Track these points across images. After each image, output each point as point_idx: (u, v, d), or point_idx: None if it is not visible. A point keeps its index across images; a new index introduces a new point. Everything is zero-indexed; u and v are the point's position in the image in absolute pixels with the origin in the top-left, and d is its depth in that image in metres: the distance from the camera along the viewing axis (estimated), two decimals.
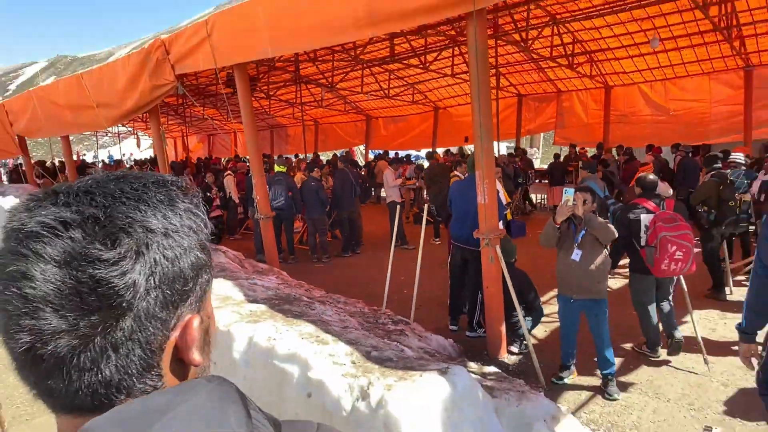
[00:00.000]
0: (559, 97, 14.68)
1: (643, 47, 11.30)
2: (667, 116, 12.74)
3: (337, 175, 8.92)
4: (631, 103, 13.31)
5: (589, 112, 14.13)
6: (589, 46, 12.04)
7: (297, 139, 20.75)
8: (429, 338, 4.50)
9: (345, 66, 13.31)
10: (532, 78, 14.36)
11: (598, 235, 3.75)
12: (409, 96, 16.28)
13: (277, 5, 5.22)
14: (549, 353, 4.66)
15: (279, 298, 4.14)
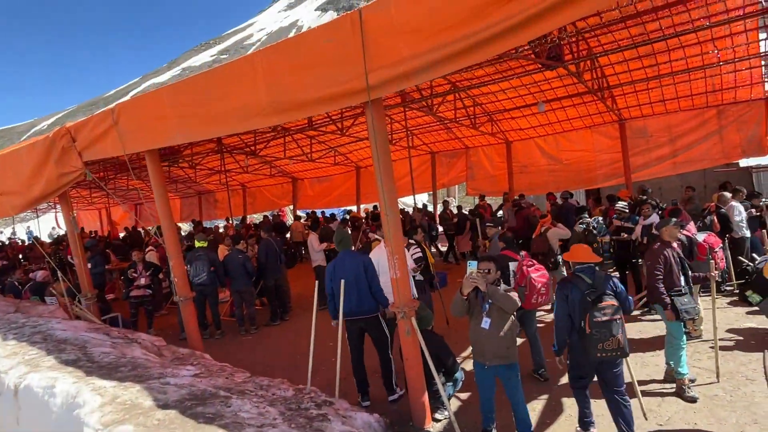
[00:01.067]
0: (467, 152, 15.33)
1: (534, 108, 12.08)
2: (560, 165, 13.61)
3: (261, 245, 8.59)
4: (529, 155, 14.12)
5: (495, 165, 14.82)
6: (488, 108, 12.73)
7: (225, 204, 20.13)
8: (354, 418, 4.23)
9: (267, 135, 13.18)
10: (441, 137, 14.92)
11: (501, 305, 3.75)
12: (332, 158, 16.36)
13: (184, 94, 5.04)
14: (473, 415, 4.52)
15: (193, 398, 3.75)
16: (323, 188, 18.73)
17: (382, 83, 3.74)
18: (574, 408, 4.57)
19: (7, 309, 7.24)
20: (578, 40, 8.77)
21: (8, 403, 4.17)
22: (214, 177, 18.16)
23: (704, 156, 11.49)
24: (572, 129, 13.26)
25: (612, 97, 11.33)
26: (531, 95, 11.66)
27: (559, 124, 13.16)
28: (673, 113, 11.75)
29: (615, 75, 10.51)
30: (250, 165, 16.45)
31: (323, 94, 4.02)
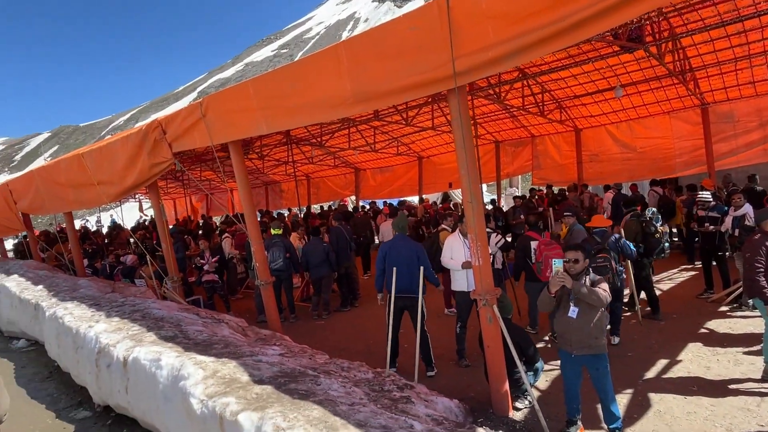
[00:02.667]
0: (534, 141, 14.89)
1: (607, 93, 11.55)
2: (634, 153, 12.93)
3: (332, 233, 8.81)
4: (600, 143, 13.51)
5: (563, 153, 14.31)
6: (557, 95, 12.30)
7: (290, 194, 20.75)
8: (435, 402, 4.28)
9: (333, 127, 13.42)
10: (507, 126, 14.58)
11: (588, 302, 3.66)
12: (394, 148, 16.42)
13: (268, 86, 5.23)
14: (554, 406, 4.46)
15: (284, 375, 3.93)
16: (385, 178, 18.85)
17: (468, 70, 3.71)
18: (662, 403, 4.42)
19: (105, 289, 7.87)
20: (660, 20, 8.27)
21: (118, 372, 4.55)
22: (280, 168, 18.73)
23: None
24: (648, 115, 12.54)
25: (695, 80, 10.60)
26: (605, 80, 11.13)
27: (634, 110, 12.49)
28: (764, 95, 10.84)
29: (699, 56, 9.82)
30: (315, 156, 16.85)
31: (408, 83, 4.05)
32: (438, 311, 7.97)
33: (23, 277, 9.09)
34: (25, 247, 13.93)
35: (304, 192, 20.83)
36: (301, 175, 20.38)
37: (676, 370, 5.09)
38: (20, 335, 8.34)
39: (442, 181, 16.98)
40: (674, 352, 5.53)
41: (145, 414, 4.30)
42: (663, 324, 6.48)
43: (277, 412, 3.17)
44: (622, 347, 5.78)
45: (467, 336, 5.85)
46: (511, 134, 15.14)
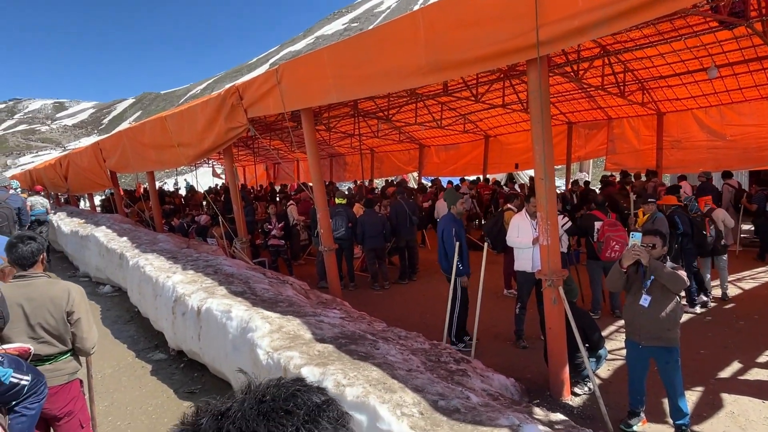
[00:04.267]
0: (610, 123, 14.07)
1: (697, 75, 10.65)
2: (723, 141, 11.90)
3: (393, 207, 8.84)
4: (684, 129, 12.53)
5: (641, 138, 13.42)
6: (640, 74, 11.48)
7: (354, 167, 20.96)
8: (491, 378, 4.26)
9: (401, 101, 13.33)
10: (581, 106, 13.85)
11: (665, 283, 3.44)
12: (461, 126, 16.10)
13: (343, 54, 5.25)
14: (614, 395, 4.31)
15: (345, 337, 4.04)
16: (449, 156, 18.57)
17: (553, 39, 3.53)
18: (737, 405, 4.15)
19: (181, 245, 8.38)
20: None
21: (192, 321, 4.87)
22: (346, 140, 18.93)
23: None
24: (743, 100, 11.43)
25: None
26: (696, 60, 10.22)
27: (727, 94, 11.42)
28: None
29: None
30: (381, 130, 16.86)
31: (486, 52, 3.92)
32: (498, 291, 7.87)
33: (110, 228, 9.85)
34: (111, 202, 15.08)
35: (368, 165, 20.97)
36: (365, 149, 20.50)
37: (754, 373, 4.75)
38: (106, 281, 9.10)
39: (508, 161, 16.51)
40: (753, 354, 5.14)
41: (214, 360, 4.58)
42: (742, 324, 6.03)
43: (338, 369, 3.27)
44: (695, 344, 5.45)
45: (526, 318, 5.75)
46: (586, 115, 14.37)
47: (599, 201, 6.68)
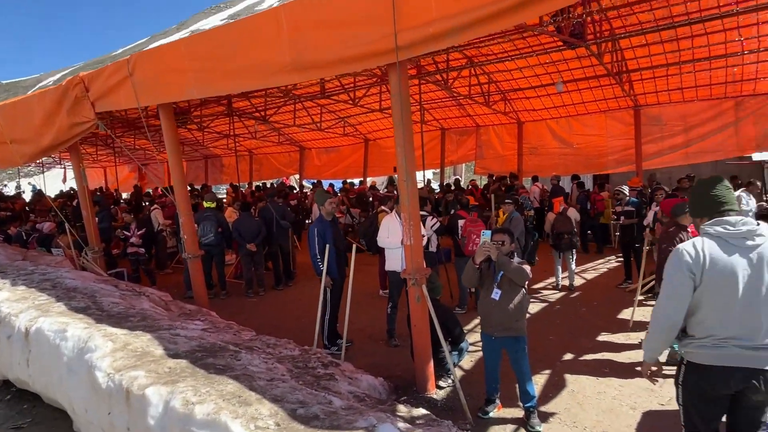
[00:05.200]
0: (478, 130, 15.15)
1: (549, 88, 11.89)
2: (571, 149, 13.45)
3: (260, 211, 8.57)
4: (540, 137, 13.93)
5: (505, 145, 14.65)
6: (502, 86, 12.52)
7: (232, 169, 20.02)
8: (359, 380, 4.28)
9: (278, 101, 13.01)
10: (453, 113, 14.73)
11: (512, 277, 3.73)
12: (341, 129, 16.21)
13: (203, 47, 4.93)
14: (475, 385, 4.57)
15: (203, 350, 3.77)
16: (330, 158, 18.60)
17: (411, 44, 3.64)
18: (576, 384, 4.64)
19: (15, 257, 7.27)
20: (601, 19, 8.56)
21: (19, 344, 4.20)
22: (221, 141, 18.01)
23: (718, 147, 11.32)
24: (586, 113, 13.03)
25: (630, 81, 11.10)
26: (547, 75, 11.45)
27: (573, 107, 12.94)
28: (689, 102, 11.53)
29: (635, 59, 10.27)
30: (258, 131, 16.33)
31: (349, 54, 3.93)
32: (374, 292, 7.99)
33: None
34: None
35: (246, 168, 20.20)
36: (243, 150, 19.73)
37: (592, 354, 5.37)
38: None
39: (387, 164, 16.96)
40: (592, 337, 5.82)
41: (47, 388, 4.00)
42: (584, 311, 6.81)
43: (188, 386, 3.02)
44: (545, 332, 6.02)
45: (399, 317, 5.89)
46: (457, 122, 15.32)
47: (464, 202, 7.07)
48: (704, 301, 2.35)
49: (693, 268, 2.33)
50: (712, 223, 2.41)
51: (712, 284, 2.31)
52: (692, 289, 2.35)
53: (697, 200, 2.55)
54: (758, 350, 2.29)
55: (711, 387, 2.40)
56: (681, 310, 2.38)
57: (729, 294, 2.29)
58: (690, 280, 2.34)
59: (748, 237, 2.30)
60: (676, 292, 2.38)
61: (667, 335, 2.47)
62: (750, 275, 2.28)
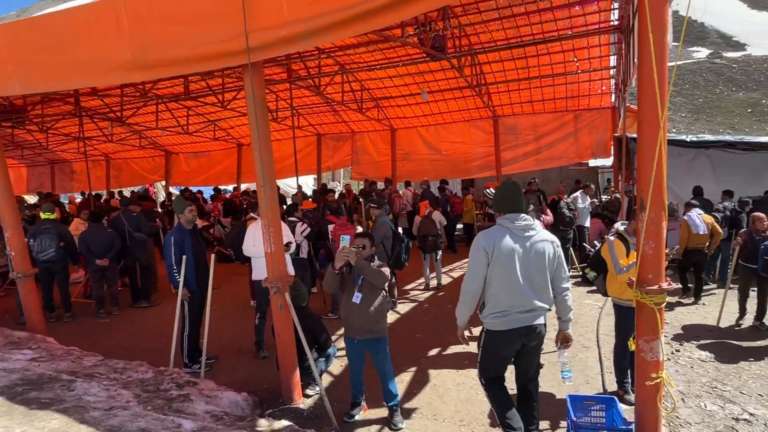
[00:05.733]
0: (353, 136, 15.40)
1: (418, 97, 12.48)
2: (440, 155, 14.27)
3: (113, 223, 7.78)
4: (412, 144, 14.58)
5: (379, 151, 15.08)
6: (375, 93, 12.88)
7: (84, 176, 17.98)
8: (219, 397, 4.07)
9: (136, 101, 11.96)
10: (328, 119, 14.80)
11: (371, 280, 3.81)
12: (211, 132, 15.40)
13: (25, 37, 4.33)
14: (345, 390, 4.57)
15: (26, 383, 3.29)
16: (201, 164, 17.57)
17: (263, 46, 3.55)
18: (439, 378, 4.89)
19: None
20: (461, 35, 9.21)
21: None
22: (71, 144, 16.08)
23: (562, 155, 12.83)
24: (452, 121, 13.93)
25: (488, 93, 12.08)
26: (416, 85, 12.03)
27: (441, 116, 13.76)
28: (539, 114, 12.91)
29: (492, 73, 11.23)
30: (115, 134, 14.88)
31: (197, 53, 3.72)
32: (245, 303, 7.68)
33: None
34: None
35: (102, 174, 18.27)
36: (98, 155, 17.84)
37: (454, 348, 5.70)
38: None
39: None
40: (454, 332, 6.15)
41: None
42: (450, 307, 7.22)
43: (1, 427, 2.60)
44: (414, 330, 6.27)
45: (268, 327, 5.71)
46: (332, 128, 15.41)
47: (333, 207, 7.14)
48: (494, 276, 3.04)
49: (486, 248, 3.03)
50: (504, 217, 3.13)
51: (498, 262, 3.02)
52: (486, 265, 3.03)
53: (497, 200, 3.24)
54: (530, 312, 3.09)
55: (503, 346, 3.17)
56: (479, 283, 3.08)
57: (510, 270, 3.02)
58: (485, 257, 3.02)
59: (526, 230, 3.08)
60: (474, 268, 3.07)
61: (470, 304, 3.19)
62: (523, 258, 3.04)
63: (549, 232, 3.36)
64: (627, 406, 3.99)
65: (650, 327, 3.20)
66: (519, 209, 3.11)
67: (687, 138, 10.06)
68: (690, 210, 7.28)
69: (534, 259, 3.06)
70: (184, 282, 4.87)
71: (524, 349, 3.22)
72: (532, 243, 3.07)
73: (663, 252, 3.20)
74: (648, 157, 3.01)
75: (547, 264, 3.11)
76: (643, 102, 3.04)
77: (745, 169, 9.85)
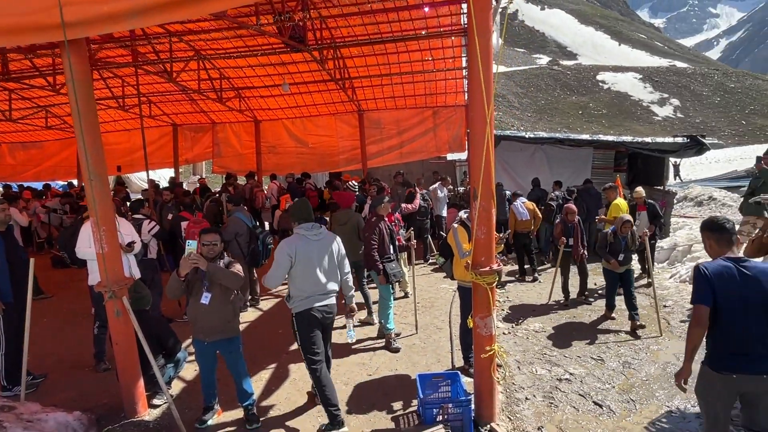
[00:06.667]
0: (214, 128, 14.58)
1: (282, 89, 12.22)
2: (307, 148, 14.17)
3: None
4: (277, 136, 14.24)
5: (243, 143, 14.49)
6: (236, 83, 12.32)
7: None
8: (44, 420, 3.59)
9: None
10: (185, 108, 13.79)
11: (225, 284, 3.66)
12: (42, 120, 13.44)
13: None
14: (198, 395, 4.33)
15: None
16: (30, 156, 15.24)
17: (81, 21, 3.16)
18: (299, 372, 4.87)
19: None
20: (322, 27, 9.19)
21: None
22: None
23: (423, 149, 13.53)
24: (318, 114, 13.89)
25: (353, 88, 12.25)
26: (279, 75, 11.74)
27: (306, 109, 13.63)
28: (401, 109, 13.45)
29: (355, 68, 11.38)
30: None
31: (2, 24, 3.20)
32: (85, 312, 6.86)
33: None
34: None
35: None
36: None
37: None
38: None
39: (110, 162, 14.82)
40: None
41: None
42: None
43: None
44: (275, 325, 6.16)
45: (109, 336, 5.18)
46: (190, 118, 14.41)
47: (186, 203, 6.66)
48: (298, 273, 3.71)
49: (290, 253, 3.67)
50: (300, 227, 3.81)
51: (299, 262, 3.69)
52: (290, 265, 3.68)
53: (294, 212, 3.92)
54: (324, 294, 3.80)
55: (312, 321, 3.77)
56: (282, 276, 3.72)
57: (309, 267, 3.72)
58: (288, 260, 3.67)
59: (316, 234, 3.80)
60: (280, 266, 3.67)
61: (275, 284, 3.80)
62: (318, 255, 3.77)
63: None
64: (471, 378, 4.36)
65: (484, 305, 3.53)
66: (310, 219, 3.87)
67: (526, 134, 11.28)
68: (515, 200, 8.22)
69: (326, 254, 3.82)
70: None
71: (325, 321, 3.87)
72: (322, 243, 3.83)
73: (493, 237, 3.55)
74: (478, 150, 3.30)
75: (335, 256, 3.89)
76: (473, 99, 3.31)
77: (573, 163, 11.35)
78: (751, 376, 2.61)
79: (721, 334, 2.68)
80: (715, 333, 2.70)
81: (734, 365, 2.64)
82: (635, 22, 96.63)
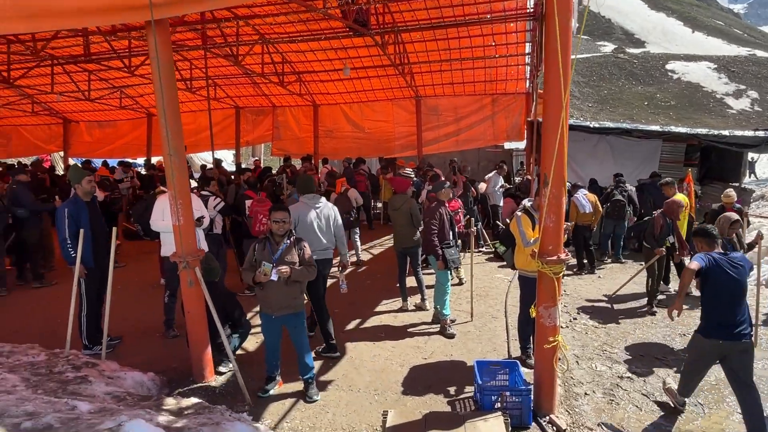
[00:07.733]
0: (275, 111, 14.91)
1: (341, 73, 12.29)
2: (363, 133, 14.23)
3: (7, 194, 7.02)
4: (335, 120, 14.38)
5: (302, 127, 14.73)
6: (297, 67, 12.52)
7: None
8: (122, 378, 3.85)
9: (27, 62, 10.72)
10: (247, 91, 14.19)
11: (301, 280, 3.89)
12: (117, 100, 14.22)
13: None
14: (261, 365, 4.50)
15: None
16: (105, 134, 16.18)
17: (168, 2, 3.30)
18: (355, 350, 4.96)
19: None
20: (385, 11, 9.15)
21: None
22: None
23: (480, 137, 13.28)
24: (376, 99, 13.90)
25: (411, 73, 12.17)
26: (339, 60, 11.81)
27: (364, 93, 13.67)
28: (459, 96, 13.23)
29: (415, 53, 11.30)
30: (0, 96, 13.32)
31: (91, 3, 3.38)
32: (155, 281, 7.27)
33: None
34: None
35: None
36: None
37: (372, 321, 5.80)
38: None
39: None
40: (372, 306, 6.28)
41: None
42: (369, 282, 7.31)
43: None
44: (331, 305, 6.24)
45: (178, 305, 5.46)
46: (252, 101, 14.82)
47: (251, 182, 6.86)
48: (301, 232, 4.48)
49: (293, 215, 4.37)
50: (303, 196, 4.78)
51: (302, 224, 4.64)
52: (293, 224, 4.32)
53: (300, 186, 4.96)
54: (323, 249, 4.76)
55: None
56: None
57: (311, 229, 4.65)
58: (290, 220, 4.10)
59: (317, 203, 4.78)
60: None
61: None
62: (317, 220, 4.73)
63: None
64: (528, 369, 4.28)
65: (549, 294, 3.44)
66: (312, 191, 4.83)
67: (590, 124, 10.82)
68: (576, 191, 7.90)
69: (324, 219, 4.79)
70: (81, 258, 4.50)
71: (322, 269, 4.65)
72: (320, 211, 4.79)
73: (562, 225, 3.44)
74: (551, 135, 3.19)
75: (332, 222, 4.85)
76: (549, 83, 3.20)
77: (639, 155, 10.80)
78: (732, 342, 3.47)
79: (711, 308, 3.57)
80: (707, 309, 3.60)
81: (721, 334, 3.50)
82: (712, 8, 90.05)
